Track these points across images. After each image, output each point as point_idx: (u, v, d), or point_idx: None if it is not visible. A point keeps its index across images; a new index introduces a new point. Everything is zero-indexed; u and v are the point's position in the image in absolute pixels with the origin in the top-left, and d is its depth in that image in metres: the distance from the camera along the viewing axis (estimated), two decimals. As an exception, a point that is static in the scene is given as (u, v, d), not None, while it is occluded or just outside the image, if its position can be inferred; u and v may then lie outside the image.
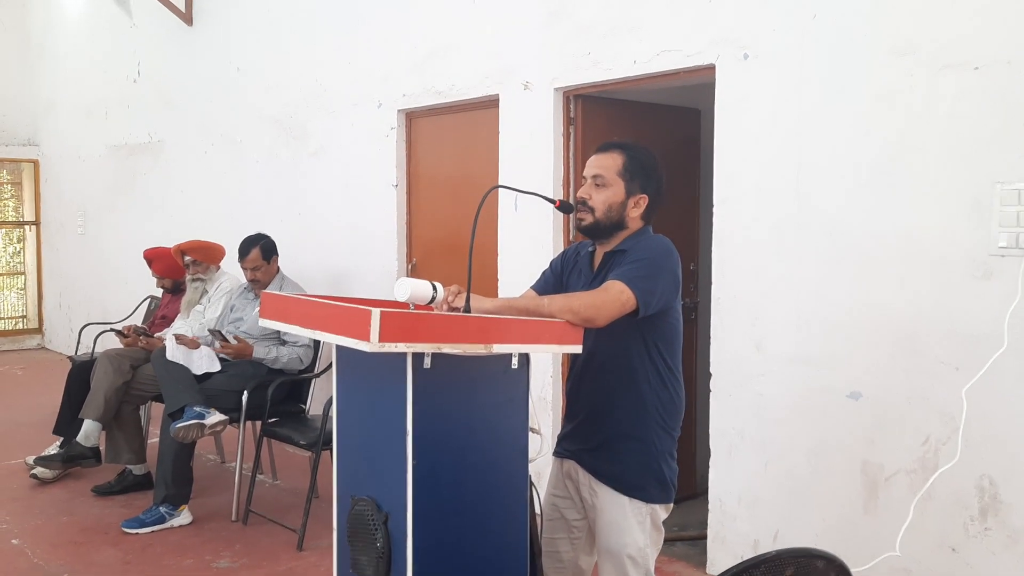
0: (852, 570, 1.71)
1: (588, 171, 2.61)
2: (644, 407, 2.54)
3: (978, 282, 3.02)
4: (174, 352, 4.63)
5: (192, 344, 4.69)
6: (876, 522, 3.28)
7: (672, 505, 2.64)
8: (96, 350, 5.62)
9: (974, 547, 3.05)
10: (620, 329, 2.46)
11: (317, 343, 4.93)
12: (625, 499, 2.54)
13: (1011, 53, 2.93)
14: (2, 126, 9.85)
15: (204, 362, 4.69)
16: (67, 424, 5.13)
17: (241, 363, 4.77)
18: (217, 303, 5.26)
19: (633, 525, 2.54)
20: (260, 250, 4.96)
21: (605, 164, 2.58)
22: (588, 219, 2.58)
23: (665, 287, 2.48)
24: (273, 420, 4.70)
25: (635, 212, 2.59)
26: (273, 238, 5.09)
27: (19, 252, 10.33)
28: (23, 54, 9.93)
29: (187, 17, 7.18)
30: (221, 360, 4.77)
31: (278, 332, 4.80)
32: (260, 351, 4.77)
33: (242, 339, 4.77)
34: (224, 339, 4.71)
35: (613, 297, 2.39)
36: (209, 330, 4.84)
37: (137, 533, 4.37)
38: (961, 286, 3.06)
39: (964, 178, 3.05)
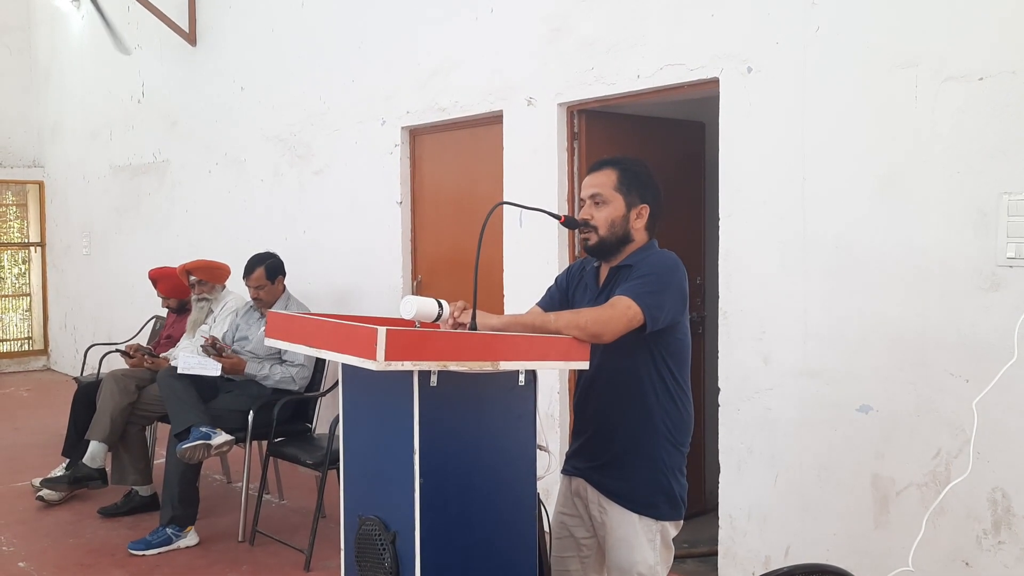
0: (866, 586, 1.69)
1: (585, 192, 2.61)
2: (652, 423, 2.52)
3: (986, 293, 3.00)
4: (187, 364, 4.63)
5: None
6: (888, 536, 3.25)
7: (682, 522, 2.62)
8: (102, 371, 5.62)
9: (988, 561, 3.02)
10: (628, 345, 2.44)
11: (316, 363, 4.92)
12: (635, 516, 2.52)
13: (1016, 63, 2.93)
14: (8, 148, 9.91)
15: (210, 363, 4.70)
16: (73, 445, 5.13)
17: (246, 383, 4.77)
18: (223, 322, 5.26)
19: (643, 543, 2.52)
20: (265, 269, 4.96)
21: (600, 181, 2.58)
22: (593, 238, 2.57)
23: (672, 302, 2.47)
24: (279, 439, 4.69)
25: (639, 223, 2.58)
26: (281, 258, 5.10)
27: (24, 273, 10.35)
28: (29, 77, 10.00)
29: (191, 37, 7.21)
30: (226, 380, 4.77)
31: (279, 351, 4.79)
32: (252, 367, 4.77)
33: (235, 355, 4.79)
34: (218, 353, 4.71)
35: (620, 312, 2.38)
36: (201, 347, 4.82)
37: (144, 555, 4.36)
38: (969, 297, 3.05)
39: (970, 189, 3.04)
